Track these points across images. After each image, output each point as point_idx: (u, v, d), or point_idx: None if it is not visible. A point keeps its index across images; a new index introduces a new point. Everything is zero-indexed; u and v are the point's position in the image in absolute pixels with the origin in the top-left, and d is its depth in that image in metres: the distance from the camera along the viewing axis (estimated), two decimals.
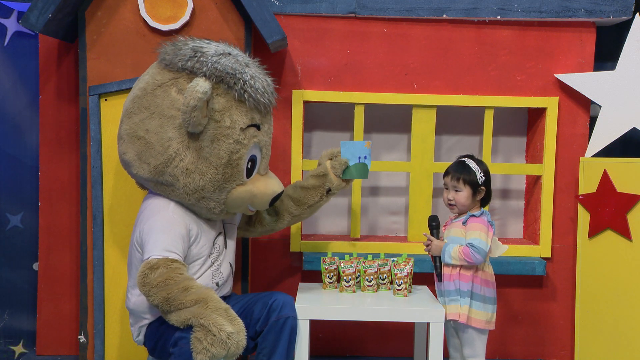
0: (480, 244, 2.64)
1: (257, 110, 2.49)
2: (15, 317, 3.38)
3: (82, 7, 2.93)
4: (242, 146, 2.46)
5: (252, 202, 2.57)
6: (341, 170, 2.79)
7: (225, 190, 2.49)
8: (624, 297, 3.01)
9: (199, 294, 2.30)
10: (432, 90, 3.28)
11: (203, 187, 2.45)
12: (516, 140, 3.51)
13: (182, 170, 2.44)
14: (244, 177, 2.51)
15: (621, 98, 3.14)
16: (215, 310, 2.26)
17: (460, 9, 3.20)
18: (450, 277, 2.71)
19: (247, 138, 2.47)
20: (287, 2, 3.19)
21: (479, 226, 2.68)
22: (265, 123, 2.56)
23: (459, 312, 2.68)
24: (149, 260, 2.34)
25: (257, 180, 2.56)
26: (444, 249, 2.70)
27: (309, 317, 2.62)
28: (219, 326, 2.22)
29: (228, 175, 2.47)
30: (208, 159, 2.44)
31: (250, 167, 2.53)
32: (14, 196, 3.35)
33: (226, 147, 2.44)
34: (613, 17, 3.19)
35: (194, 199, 2.48)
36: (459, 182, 2.74)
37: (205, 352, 2.20)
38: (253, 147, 2.51)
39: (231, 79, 2.41)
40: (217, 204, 2.50)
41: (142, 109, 2.47)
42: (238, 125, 2.44)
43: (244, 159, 2.48)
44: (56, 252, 3.25)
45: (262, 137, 2.54)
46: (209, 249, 2.57)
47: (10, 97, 3.33)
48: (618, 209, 3.00)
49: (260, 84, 2.46)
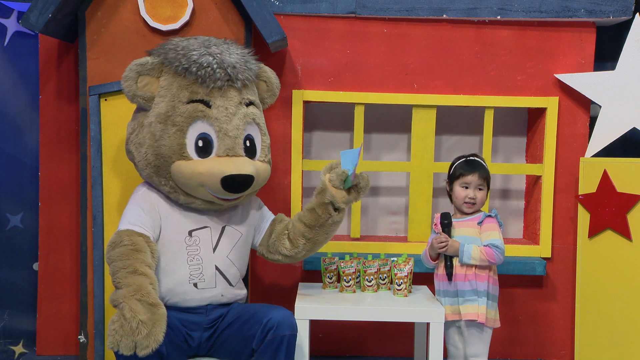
0: (501, 244, 2.67)
1: (200, 85, 2.50)
2: (15, 317, 3.38)
3: (82, 7, 2.93)
4: (183, 119, 2.49)
5: (202, 182, 2.49)
6: (340, 181, 2.58)
7: (167, 163, 2.50)
8: (624, 297, 3.01)
9: (134, 279, 2.27)
10: (432, 90, 3.28)
11: (149, 161, 2.52)
12: (516, 140, 3.51)
13: (136, 144, 2.56)
14: (186, 151, 2.49)
15: (621, 98, 3.14)
16: (139, 299, 2.20)
17: (460, 9, 3.20)
18: (465, 277, 2.70)
19: (188, 112, 2.49)
20: (287, 2, 3.19)
21: (496, 226, 2.71)
22: (218, 101, 2.52)
23: (477, 312, 2.67)
24: (116, 232, 2.45)
25: (211, 160, 2.50)
26: (461, 249, 2.69)
27: (309, 317, 2.62)
28: (134, 312, 2.16)
29: (166, 147, 2.49)
30: (152, 132, 2.50)
31: (202, 145, 2.50)
32: (14, 196, 3.35)
33: (170, 120, 2.50)
34: (613, 17, 3.19)
35: (146, 174, 2.56)
36: (484, 181, 2.75)
37: (114, 334, 2.14)
38: (199, 123, 2.50)
39: (173, 54, 2.50)
40: (166, 180, 2.52)
41: (131, 120, 2.68)
42: (177, 99, 2.50)
43: (183, 132, 2.49)
44: (56, 252, 3.25)
45: (213, 114, 2.51)
46: (181, 236, 2.54)
47: (10, 97, 3.33)
48: (618, 209, 3.00)
49: (207, 60, 2.48)
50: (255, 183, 2.55)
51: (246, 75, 2.57)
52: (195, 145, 2.50)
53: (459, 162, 2.81)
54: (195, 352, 2.57)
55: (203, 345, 2.57)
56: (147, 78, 2.53)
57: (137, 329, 2.14)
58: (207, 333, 2.56)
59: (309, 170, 3.34)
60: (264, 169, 2.63)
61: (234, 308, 2.61)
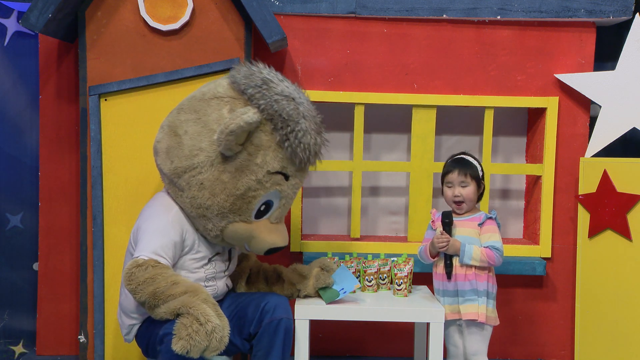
0: (501, 247, 2.69)
1: (292, 162, 2.46)
2: (15, 317, 3.38)
3: (82, 7, 2.93)
4: (262, 187, 2.44)
5: (249, 243, 2.53)
6: (321, 285, 2.72)
7: (227, 219, 2.46)
8: (624, 297, 3.01)
9: (188, 285, 2.30)
10: (432, 90, 3.28)
11: (208, 207, 2.43)
12: (516, 140, 3.51)
13: (198, 182, 2.42)
14: (251, 216, 2.48)
15: (621, 98, 3.14)
16: (204, 301, 2.25)
17: (460, 9, 3.20)
18: (465, 277, 2.70)
19: (270, 182, 2.45)
20: (287, 2, 3.19)
21: (496, 228, 2.73)
22: (297, 178, 2.53)
23: (477, 312, 2.68)
24: (137, 259, 2.34)
25: (264, 225, 2.52)
26: (462, 249, 2.69)
27: (309, 317, 2.62)
28: (207, 316, 2.20)
29: (236, 208, 2.44)
30: (225, 183, 2.42)
31: (263, 210, 2.50)
32: (14, 196, 3.35)
33: (246, 181, 2.41)
34: (613, 17, 3.19)
35: (195, 213, 2.47)
36: (466, 177, 2.74)
37: (188, 339, 2.16)
38: (273, 193, 2.48)
39: (281, 123, 2.38)
40: (215, 228, 2.48)
41: (192, 111, 2.46)
42: (267, 167, 2.42)
43: (257, 200, 2.46)
44: (56, 252, 3.25)
45: (286, 188, 2.50)
46: (201, 263, 2.55)
47: (10, 97, 3.33)
48: (618, 209, 3.00)
49: (308, 140, 2.43)
50: None
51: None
52: (257, 208, 2.50)
53: (445, 162, 2.85)
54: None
55: None
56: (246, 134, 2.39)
57: (212, 333, 2.19)
58: None
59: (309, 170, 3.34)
60: None
61: (230, 295, 2.71)
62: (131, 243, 2.52)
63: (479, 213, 2.78)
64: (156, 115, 2.94)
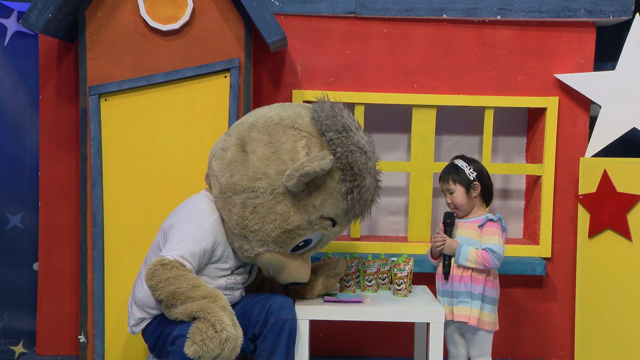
0: (499, 250, 2.66)
1: (346, 213, 2.50)
2: (15, 317, 3.38)
3: (82, 7, 2.93)
4: (310, 228, 2.47)
5: (276, 271, 2.57)
6: (328, 292, 2.78)
7: (266, 247, 2.49)
8: (624, 297, 3.01)
9: (209, 291, 2.32)
10: (432, 90, 3.28)
11: (253, 231, 2.45)
12: (516, 140, 3.51)
13: (252, 205, 2.43)
14: (289, 249, 2.52)
15: (621, 98, 3.14)
16: (223, 308, 2.26)
17: (460, 9, 3.20)
18: (461, 278, 2.70)
19: (319, 226, 2.49)
20: (287, 2, 3.19)
21: (497, 231, 2.70)
22: (342, 226, 2.57)
23: (469, 315, 2.68)
24: (163, 258, 2.35)
25: (296, 260, 2.56)
26: (458, 250, 2.69)
27: (309, 317, 2.62)
28: (223, 324, 2.22)
29: (280, 240, 2.47)
30: (278, 215, 2.43)
31: (301, 245, 2.53)
32: (14, 196, 3.35)
33: (298, 219, 2.44)
34: (613, 17, 3.19)
35: (239, 232, 2.47)
36: (449, 184, 2.75)
37: (201, 345, 2.19)
38: (317, 234, 2.52)
39: (351, 175, 2.42)
40: (251, 250, 2.50)
41: (266, 133, 2.45)
42: (323, 211, 2.45)
43: (301, 237, 2.49)
44: (56, 252, 3.25)
45: (329, 233, 2.55)
46: (227, 274, 2.58)
47: (10, 97, 3.33)
48: (618, 209, 3.00)
49: (367, 197, 2.48)
50: None
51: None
52: (297, 244, 2.52)
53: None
54: None
55: None
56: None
57: (226, 342, 2.21)
58: None
59: None
60: None
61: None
62: (161, 237, 2.53)
63: (482, 215, 2.77)
64: (156, 115, 2.95)
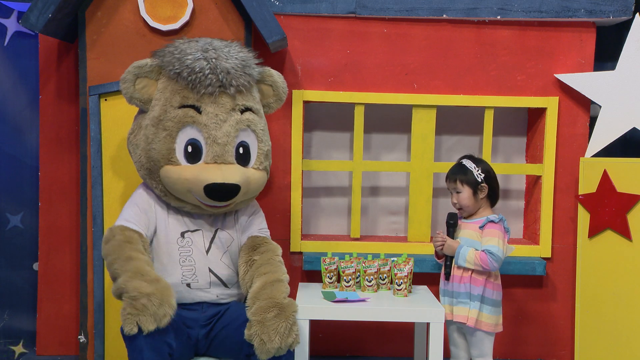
0: (498, 251, 2.64)
1: (191, 90, 2.50)
2: (15, 317, 3.38)
3: (82, 7, 2.93)
4: (173, 124, 2.50)
5: (189, 188, 2.49)
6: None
7: (157, 166, 2.52)
8: (624, 297, 3.01)
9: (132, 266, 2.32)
10: (432, 90, 3.28)
11: (142, 163, 2.56)
12: (516, 140, 3.51)
13: (133, 146, 2.60)
14: (174, 156, 2.50)
15: (621, 98, 3.14)
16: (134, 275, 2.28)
17: (460, 9, 3.20)
18: (461, 279, 2.70)
19: (178, 117, 2.50)
20: (287, 2, 3.19)
21: (497, 232, 2.68)
22: (209, 108, 2.51)
23: (467, 316, 2.68)
24: (109, 228, 2.49)
25: (197, 167, 2.50)
26: (458, 251, 2.69)
27: (309, 317, 2.62)
28: (138, 289, 2.20)
29: (156, 152, 2.50)
30: (146, 135, 2.53)
31: (191, 151, 2.51)
32: (14, 196, 3.35)
33: (161, 126, 2.52)
34: (613, 17, 3.19)
35: (141, 175, 2.60)
36: (457, 184, 2.75)
37: (129, 318, 2.15)
38: (189, 129, 2.51)
39: (170, 57, 2.52)
40: (156, 183, 2.55)
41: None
42: (170, 103, 2.51)
43: (172, 137, 2.50)
44: (56, 252, 3.25)
45: (202, 120, 2.51)
46: (174, 237, 2.56)
47: (10, 97, 3.33)
48: (618, 209, 3.00)
49: (200, 65, 2.48)
50: (245, 192, 2.54)
51: (242, 81, 2.55)
52: (185, 150, 2.51)
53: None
54: (195, 350, 2.58)
55: (201, 343, 2.57)
56: (145, 80, 2.55)
57: (149, 302, 2.17)
58: (204, 330, 2.56)
59: (309, 170, 3.34)
60: (258, 177, 2.61)
61: (232, 307, 2.62)
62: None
63: (482, 217, 2.76)
64: None
